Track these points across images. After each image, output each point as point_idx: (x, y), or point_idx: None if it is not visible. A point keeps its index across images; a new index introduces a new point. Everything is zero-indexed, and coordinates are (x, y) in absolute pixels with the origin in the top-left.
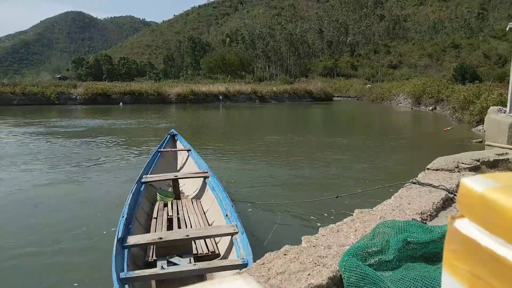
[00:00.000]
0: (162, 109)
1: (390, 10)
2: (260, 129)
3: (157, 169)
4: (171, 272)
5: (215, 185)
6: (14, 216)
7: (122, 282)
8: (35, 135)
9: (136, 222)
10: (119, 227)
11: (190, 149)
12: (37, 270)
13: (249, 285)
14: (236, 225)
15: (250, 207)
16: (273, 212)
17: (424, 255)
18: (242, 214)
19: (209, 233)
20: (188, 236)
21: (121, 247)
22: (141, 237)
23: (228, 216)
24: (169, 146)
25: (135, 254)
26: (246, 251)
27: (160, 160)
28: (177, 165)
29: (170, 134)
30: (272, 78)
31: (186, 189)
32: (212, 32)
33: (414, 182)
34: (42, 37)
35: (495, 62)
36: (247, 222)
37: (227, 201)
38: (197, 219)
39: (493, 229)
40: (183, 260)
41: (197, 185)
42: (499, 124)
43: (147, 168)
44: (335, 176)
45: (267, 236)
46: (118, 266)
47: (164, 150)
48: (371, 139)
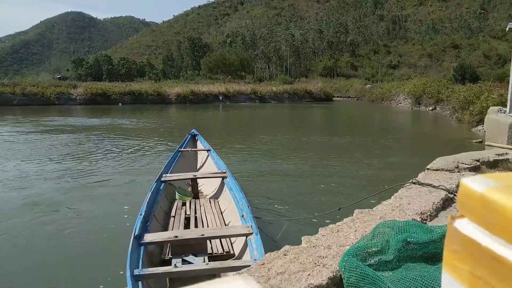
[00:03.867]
0: (162, 110)
1: (390, 10)
2: (260, 129)
3: (177, 169)
4: (184, 270)
5: (232, 185)
6: (34, 215)
7: (135, 278)
8: (42, 133)
9: (154, 220)
10: (136, 224)
11: (210, 149)
12: (55, 268)
13: (249, 285)
14: (251, 226)
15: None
16: (274, 212)
17: (424, 255)
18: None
19: (224, 233)
20: (203, 235)
21: (137, 244)
22: (157, 235)
23: (244, 216)
24: (189, 146)
25: (152, 252)
26: (259, 252)
27: (180, 159)
28: (196, 165)
29: (191, 134)
30: (272, 78)
31: (205, 189)
32: (212, 33)
33: (414, 182)
34: (42, 37)
35: (495, 62)
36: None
37: (243, 201)
38: (214, 219)
39: (493, 229)
40: (198, 259)
41: (216, 185)
42: (499, 124)
43: (167, 167)
44: (337, 178)
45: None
46: (133, 263)
47: (184, 150)
48: (371, 139)
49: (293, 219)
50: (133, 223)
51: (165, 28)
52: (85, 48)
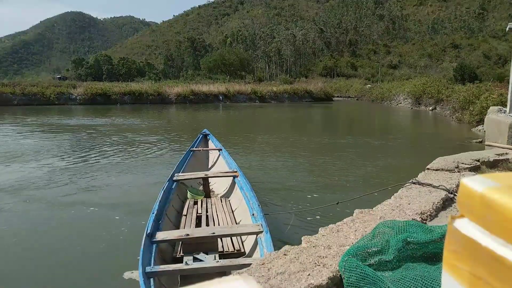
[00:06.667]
0: (162, 110)
1: (390, 10)
2: (260, 129)
3: (189, 168)
4: (195, 268)
5: (243, 184)
6: (45, 213)
7: (147, 275)
8: (46, 133)
9: (166, 218)
10: (148, 223)
11: (221, 149)
12: (68, 265)
13: (249, 285)
14: (261, 225)
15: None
16: (278, 213)
17: (424, 255)
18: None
19: (234, 232)
20: (214, 233)
21: (149, 242)
22: (169, 233)
23: (254, 215)
24: (201, 145)
25: (164, 250)
26: (269, 250)
27: (192, 159)
28: (208, 164)
29: (203, 133)
30: (272, 78)
31: (216, 188)
32: (212, 32)
33: (414, 182)
34: (42, 37)
35: (495, 62)
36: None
37: (254, 200)
38: (225, 218)
39: (493, 229)
40: (209, 257)
41: (227, 184)
42: (499, 124)
43: (179, 166)
44: (336, 177)
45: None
46: (145, 260)
47: (196, 149)
48: (371, 139)
49: (292, 211)
50: (145, 221)
51: (165, 28)
52: (85, 48)
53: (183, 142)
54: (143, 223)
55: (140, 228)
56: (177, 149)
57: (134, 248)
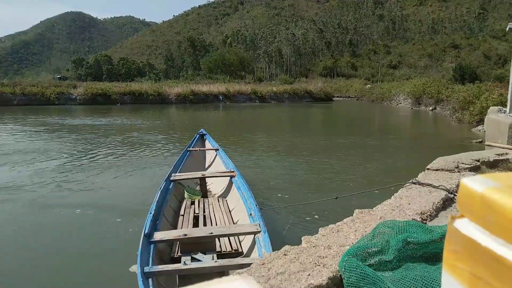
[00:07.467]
0: (163, 109)
1: (390, 10)
2: (260, 129)
3: (186, 168)
4: (193, 268)
5: (241, 184)
6: (44, 213)
7: (146, 275)
8: (47, 133)
9: (164, 218)
10: (146, 223)
11: (218, 149)
12: (66, 265)
13: (249, 285)
14: (259, 225)
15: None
16: (277, 213)
17: (424, 255)
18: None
19: (232, 231)
20: (212, 233)
21: (147, 242)
22: (167, 233)
23: (252, 215)
24: (198, 145)
25: (162, 250)
26: (267, 250)
27: (189, 159)
28: (205, 164)
29: (199, 133)
30: (272, 78)
31: (213, 188)
32: (212, 33)
33: (414, 182)
34: (42, 37)
35: (495, 62)
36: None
37: (251, 200)
38: (222, 217)
39: (493, 229)
40: (206, 257)
41: (224, 184)
42: (499, 124)
43: (176, 166)
44: (335, 176)
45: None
46: (143, 261)
47: (193, 149)
48: (372, 139)
49: (290, 205)
50: (143, 221)
51: (165, 28)
52: (85, 48)
53: (182, 142)
54: (141, 223)
55: (138, 229)
56: (176, 149)
57: (132, 249)
